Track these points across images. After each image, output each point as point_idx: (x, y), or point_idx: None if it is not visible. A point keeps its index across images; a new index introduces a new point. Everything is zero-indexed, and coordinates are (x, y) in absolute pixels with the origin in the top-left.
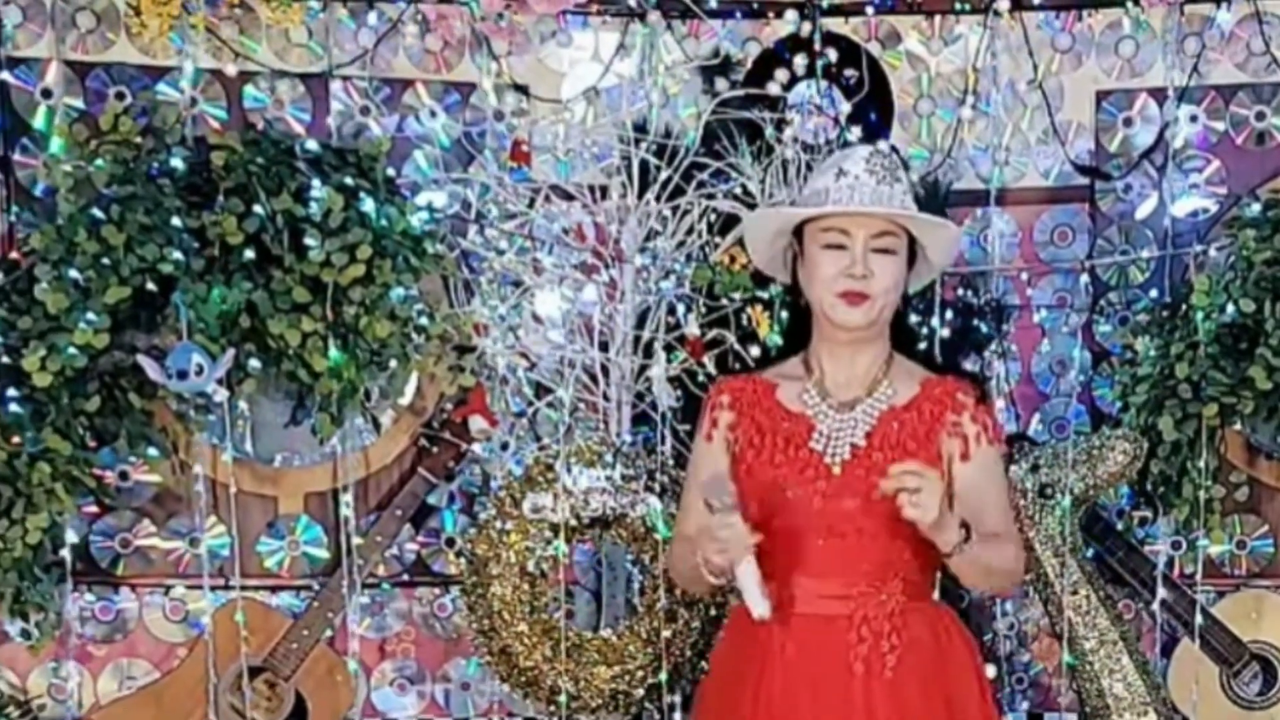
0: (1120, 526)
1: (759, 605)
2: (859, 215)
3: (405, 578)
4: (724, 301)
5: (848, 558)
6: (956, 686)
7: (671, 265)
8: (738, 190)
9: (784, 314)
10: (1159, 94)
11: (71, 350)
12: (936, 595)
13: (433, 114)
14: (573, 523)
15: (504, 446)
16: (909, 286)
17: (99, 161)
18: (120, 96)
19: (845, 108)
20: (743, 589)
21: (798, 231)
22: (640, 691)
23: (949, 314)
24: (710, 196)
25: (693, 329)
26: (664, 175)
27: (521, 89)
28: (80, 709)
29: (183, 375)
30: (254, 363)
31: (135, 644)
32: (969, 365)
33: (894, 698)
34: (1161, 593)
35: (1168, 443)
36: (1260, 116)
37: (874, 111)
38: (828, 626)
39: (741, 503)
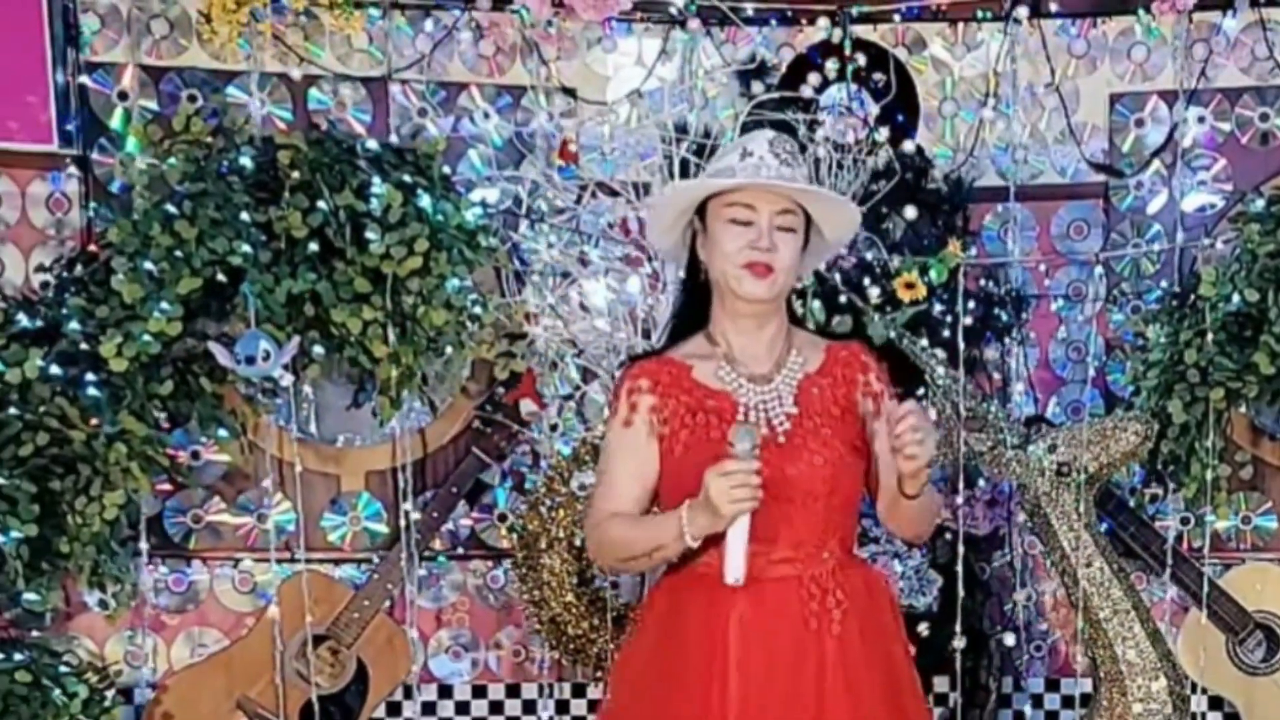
0: (1132, 503)
1: (738, 568)
2: (765, 192)
3: (460, 551)
4: None
5: (792, 522)
6: (889, 640)
7: None
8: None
9: (816, 303)
10: (1169, 96)
11: (146, 337)
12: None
13: (486, 115)
14: None
15: (553, 428)
16: (804, 267)
17: (172, 160)
18: (192, 99)
19: (874, 109)
20: (730, 547)
21: (700, 212)
22: None
23: (972, 303)
24: None
25: None
26: None
27: (569, 92)
28: (154, 675)
29: (251, 361)
30: (318, 349)
31: (206, 614)
32: (991, 351)
33: (841, 653)
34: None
35: (1177, 424)
36: (1264, 118)
37: (901, 113)
38: (780, 588)
39: (680, 482)
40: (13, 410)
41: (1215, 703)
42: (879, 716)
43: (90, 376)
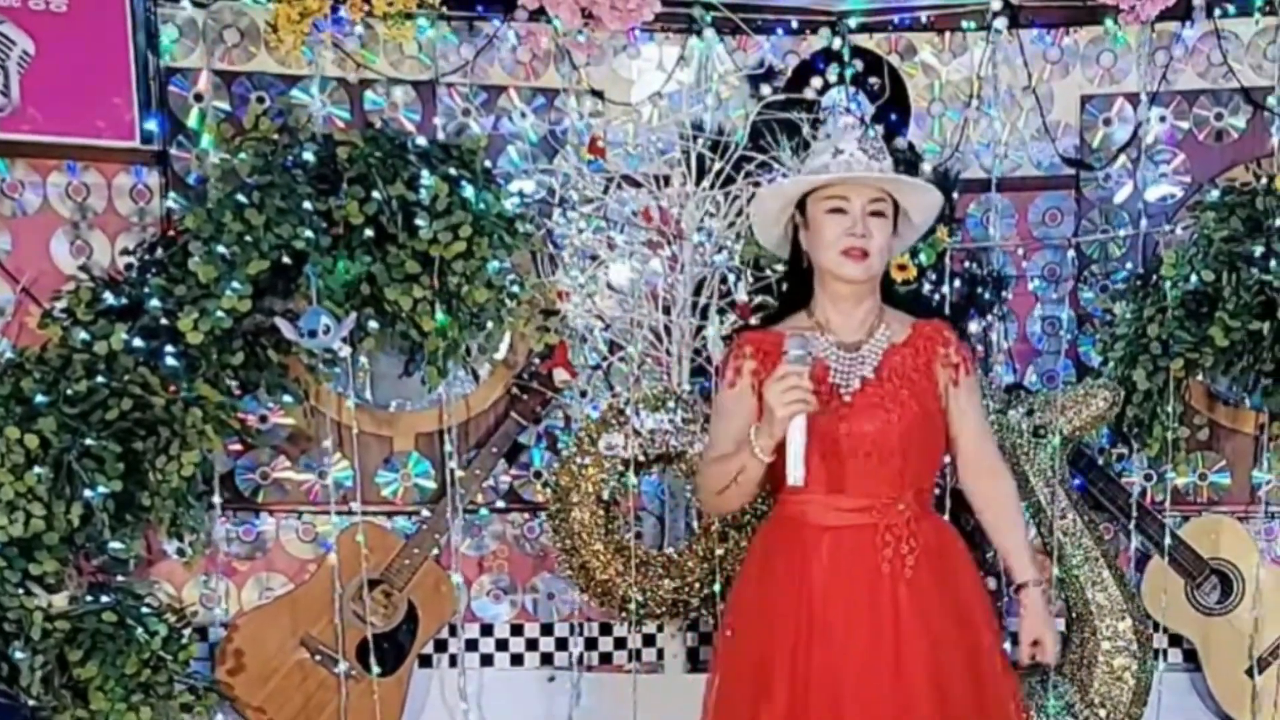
0: (1101, 461)
1: (798, 467)
2: (858, 184)
3: (500, 505)
4: (767, 272)
5: (870, 474)
6: (961, 587)
7: (724, 242)
8: (779, 179)
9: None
10: (1133, 98)
11: (219, 313)
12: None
13: (523, 115)
14: (640, 458)
15: (583, 394)
16: (894, 249)
17: (242, 154)
18: (260, 100)
19: (870, 109)
20: (790, 447)
21: (800, 206)
22: (697, 600)
23: (958, 283)
24: (756, 184)
25: (741, 295)
26: (717, 166)
27: (597, 94)
28: (227, 615)
29: (313, 334)
30: (373, 324)
31: (273, 560)
32: (974, 326)
33: (914, 593)
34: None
35: (1141, 391)
36: (1219, 117)
37: (894, 113)
38: (857, 535)
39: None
40: (100, 379)
41: (1175, 640)
42: (953, 652)
43: (169, 348)
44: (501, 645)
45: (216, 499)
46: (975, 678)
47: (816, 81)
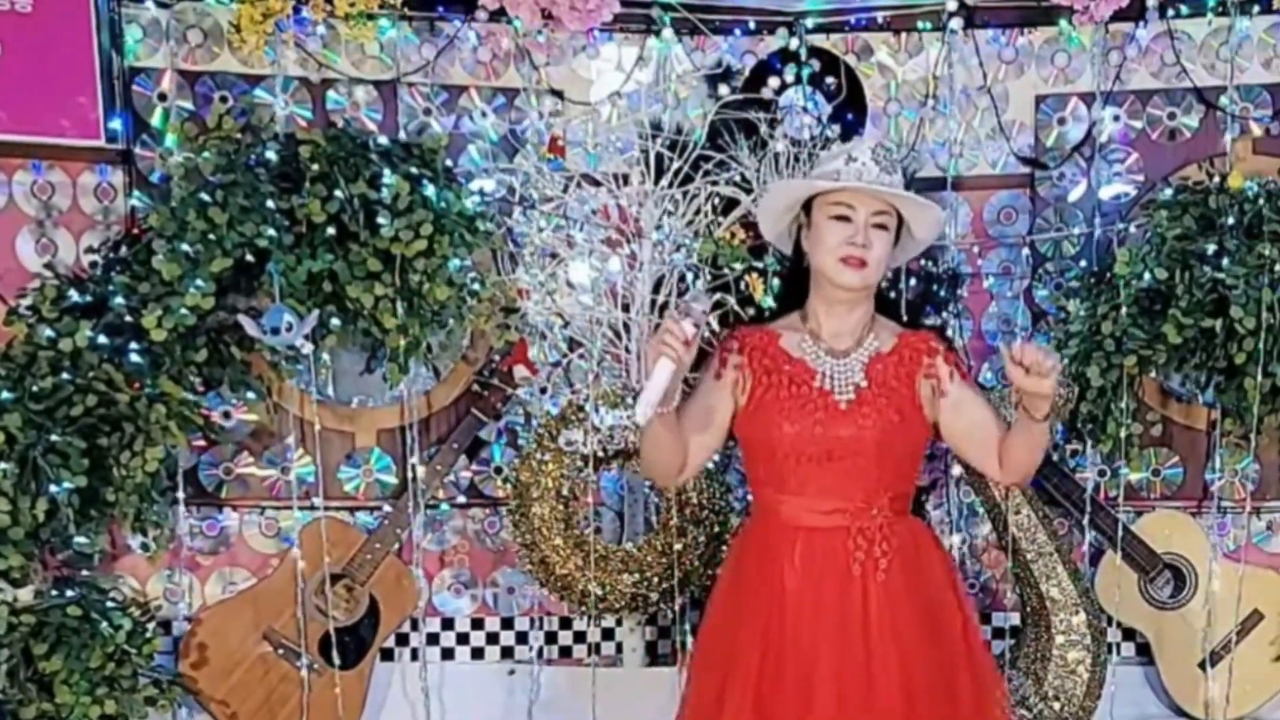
0: (1055, 457)
1: (645, 406)
2: (865, 194)
3: (460, 500)
4: (725, 271)
5: (844, 479)
6: (935, 588)
7: (682, 240)
8: (737, 178)
9: (776, 281)
10: (1087, 98)
11: (183, 311)
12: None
13: (483, 114)
14: (600, 454)
15: (543, 391)
16: (895, 260)
17: (206, 153)
18: (224, 100)
19: (827, 109)
20: (648, 384)
21: (806, 206)
22: (656, 595)
23: (913, 281)
24: (714, 183)
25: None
26: (676, 165)
27: (557, 93)
28: (190, 609)
29: (276, 331)
30: (335, 321)
31: (236, 555)
32: (930, 323)
33: (885, 596)
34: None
35: (1095, 388)
36: (1171, 116)
37: (850, 113)
38: (829, 538)
39: (753, 430)
40: (65, 375)
41: (1129, 634)
42: (923, 653)
43: (133, 345)
44: (462, 639)
45: (180, 494)
46: (947, 680)
47: (774, 81)
